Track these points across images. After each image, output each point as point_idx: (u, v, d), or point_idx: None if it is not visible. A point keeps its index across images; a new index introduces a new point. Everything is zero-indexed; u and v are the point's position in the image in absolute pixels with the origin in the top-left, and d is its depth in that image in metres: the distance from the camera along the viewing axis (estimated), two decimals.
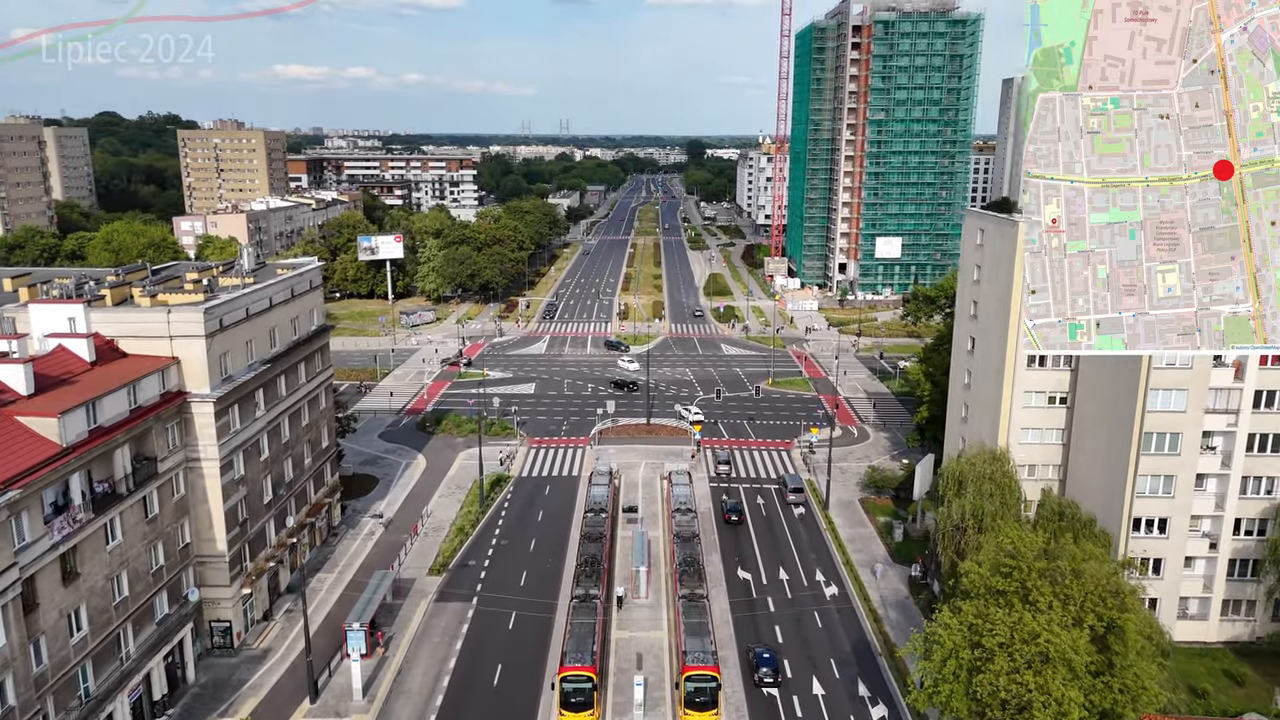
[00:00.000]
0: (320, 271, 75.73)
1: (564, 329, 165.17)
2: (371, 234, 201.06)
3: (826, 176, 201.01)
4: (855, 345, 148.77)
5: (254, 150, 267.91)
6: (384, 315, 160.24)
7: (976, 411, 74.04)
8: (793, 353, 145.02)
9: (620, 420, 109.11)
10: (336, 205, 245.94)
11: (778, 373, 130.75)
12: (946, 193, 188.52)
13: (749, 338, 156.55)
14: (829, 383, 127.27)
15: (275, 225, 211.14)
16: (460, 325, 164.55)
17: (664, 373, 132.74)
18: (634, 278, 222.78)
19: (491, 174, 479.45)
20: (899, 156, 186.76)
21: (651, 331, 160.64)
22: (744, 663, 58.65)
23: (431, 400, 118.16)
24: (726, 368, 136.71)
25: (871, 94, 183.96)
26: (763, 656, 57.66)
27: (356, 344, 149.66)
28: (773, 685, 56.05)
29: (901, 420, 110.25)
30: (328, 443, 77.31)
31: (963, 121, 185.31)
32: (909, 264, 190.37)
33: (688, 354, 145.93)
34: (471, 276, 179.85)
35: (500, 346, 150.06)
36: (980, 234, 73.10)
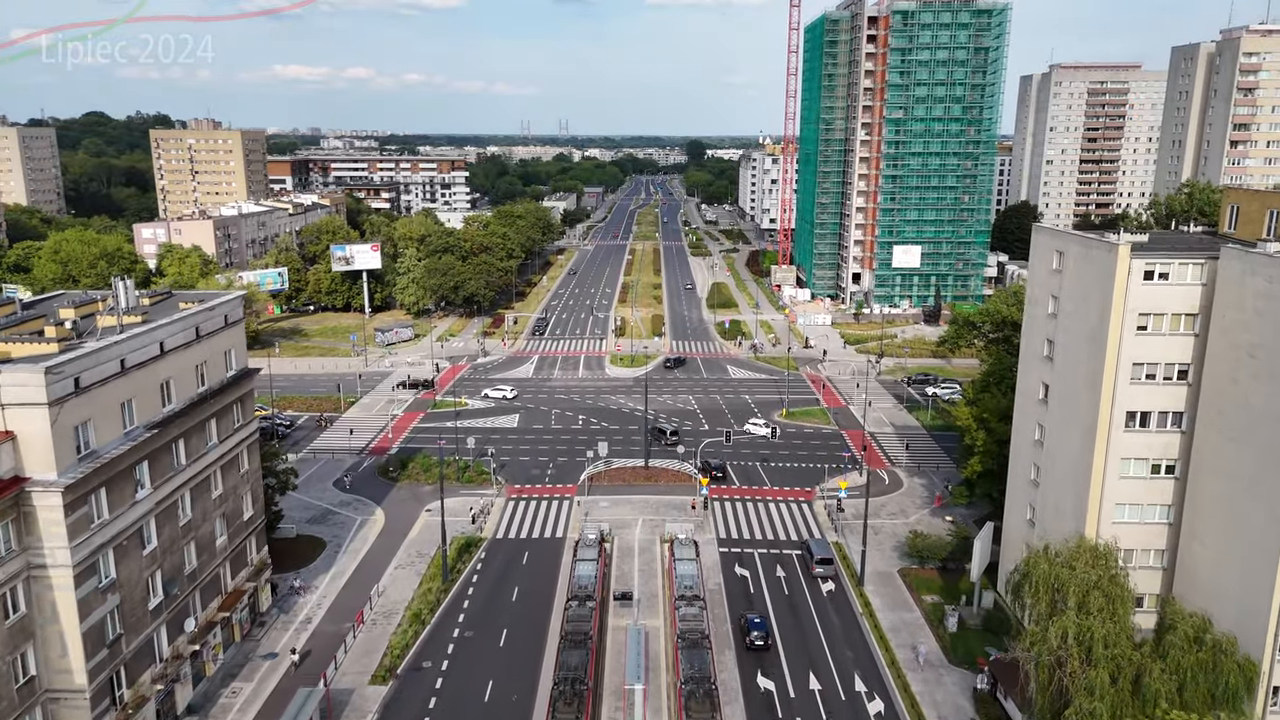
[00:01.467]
0: (241, 303, 61.42)
1: (555, 347, 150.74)
2: (353, 241, 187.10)
3: (839, 179, 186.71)
4: (876, 366, 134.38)
5: (230, 151, 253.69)
6: (356, 333, 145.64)
7: (1052, 476, 59.77)
8: (807, 376, 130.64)
9: (614, 461, 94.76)
10: (316, 210, 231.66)
11: (792, 401, 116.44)
12: (970, 197, 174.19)
13: (758, 358, 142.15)
14: (849, 413, 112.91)
15: (247, 232, 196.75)
16: (441, 344, 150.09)
17: (664, 401, 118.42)
18: (632, 288, 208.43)
19: (486, 175, 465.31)
20: (918, 158, 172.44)
21: (650, 351, 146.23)
22: None
23: (399, 437, 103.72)
24: (734, 394, 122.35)
25: (889, 90, 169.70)
26: None
27: (324, 366, 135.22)
28: None
29: (938, 462, 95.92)
30: (252, 512, 62.96)
31: (987, 120, 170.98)
32: (929, 274, 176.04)
33: (691, 377, 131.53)
34: (455, 289, 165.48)
35: (484, 369, 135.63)
36: (1058, 257, 58.83)
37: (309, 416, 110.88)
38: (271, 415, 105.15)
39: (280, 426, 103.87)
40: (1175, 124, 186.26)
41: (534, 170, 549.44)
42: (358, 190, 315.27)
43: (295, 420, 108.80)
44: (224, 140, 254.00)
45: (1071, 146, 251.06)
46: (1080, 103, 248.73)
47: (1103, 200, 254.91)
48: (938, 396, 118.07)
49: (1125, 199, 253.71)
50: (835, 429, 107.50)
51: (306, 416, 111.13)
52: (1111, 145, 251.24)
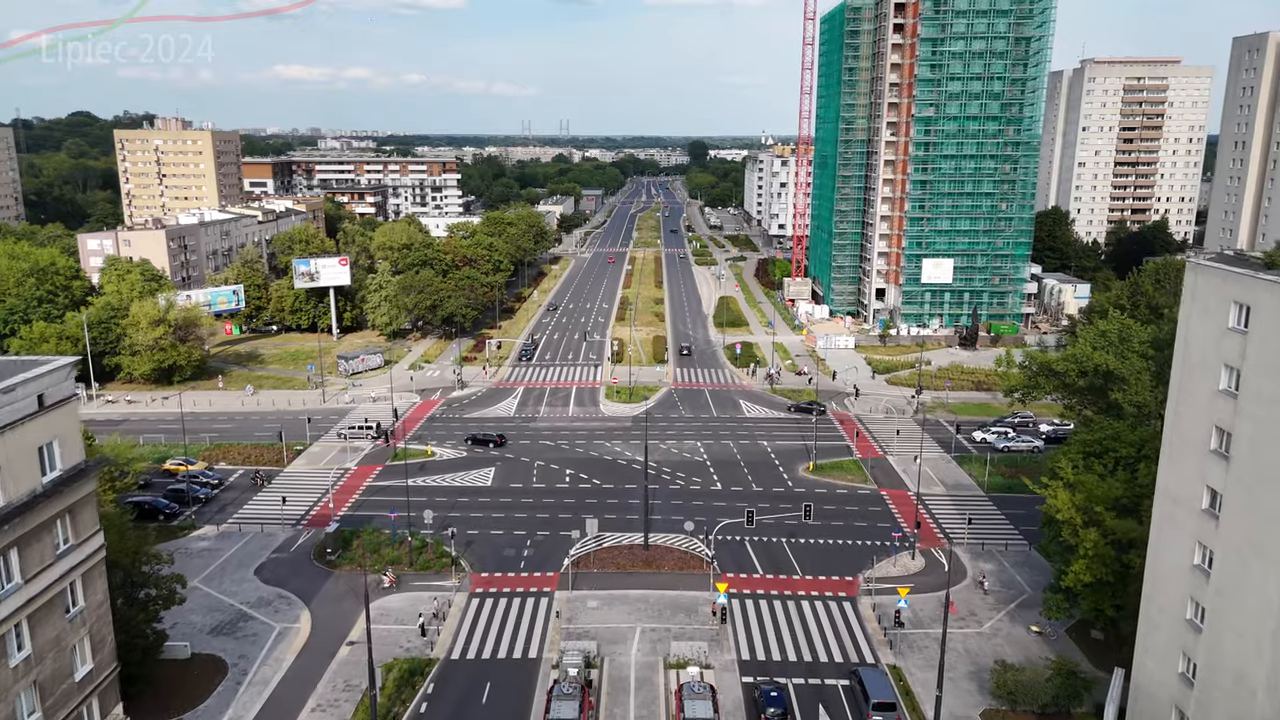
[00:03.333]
0: (69, 372, 43.44)
1: (543, 376, 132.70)
2: (328, 251, 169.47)
3: (861, 185, 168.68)
4: (915, 405, 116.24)
5: (200, 152, 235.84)
6: (314, 362, 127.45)
7: (1229, 624, 41.63)
8: (834, 416, 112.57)
9: (606, 537, 76.72)
10: (291, 216, 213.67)
11: (819, 448, 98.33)
12: (1008, 205, 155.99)
13: (774, 390, 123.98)
14: (889, 467, 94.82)
15: (208, 242, 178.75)
16: (413, 373, 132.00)
17: (668, 449, 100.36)
18: (631, 303, 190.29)
19: (481, 177, 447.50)
20: (950, 161, 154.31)
21: (651, 381, 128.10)
22: None
23: (346, 501, 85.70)
24: (749, 438, 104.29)
25: (918, 85, 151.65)
26: None
27: (275, 402, 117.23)
28: None
29: (1007, 539, 77.81)
30: (92, 666, 44.95)
31: (1028, 119, 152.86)
32: (962, 289, 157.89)
33: (698, 415, 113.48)
34: (433, 308, 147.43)
35: (459, 405, 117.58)
36: (1239, 312, 40.75)
37: (244, 471, 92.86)
38: (187, 474, 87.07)
39: (201, 489, 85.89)
40: (1237, 123, 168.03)
41: (532, 172, 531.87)
42: (342, 194, 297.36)
43: (224, 479, 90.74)
44: (193, 141, 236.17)
45: (1106, 148, 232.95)
46: (1115, 100, 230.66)
47: (1139, 206, 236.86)
48: (989, 444, 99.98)
49: (1163, 204, 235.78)
50: (874, 488, 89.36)
51: (242, 471, 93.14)
52: (1149, 146, 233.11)
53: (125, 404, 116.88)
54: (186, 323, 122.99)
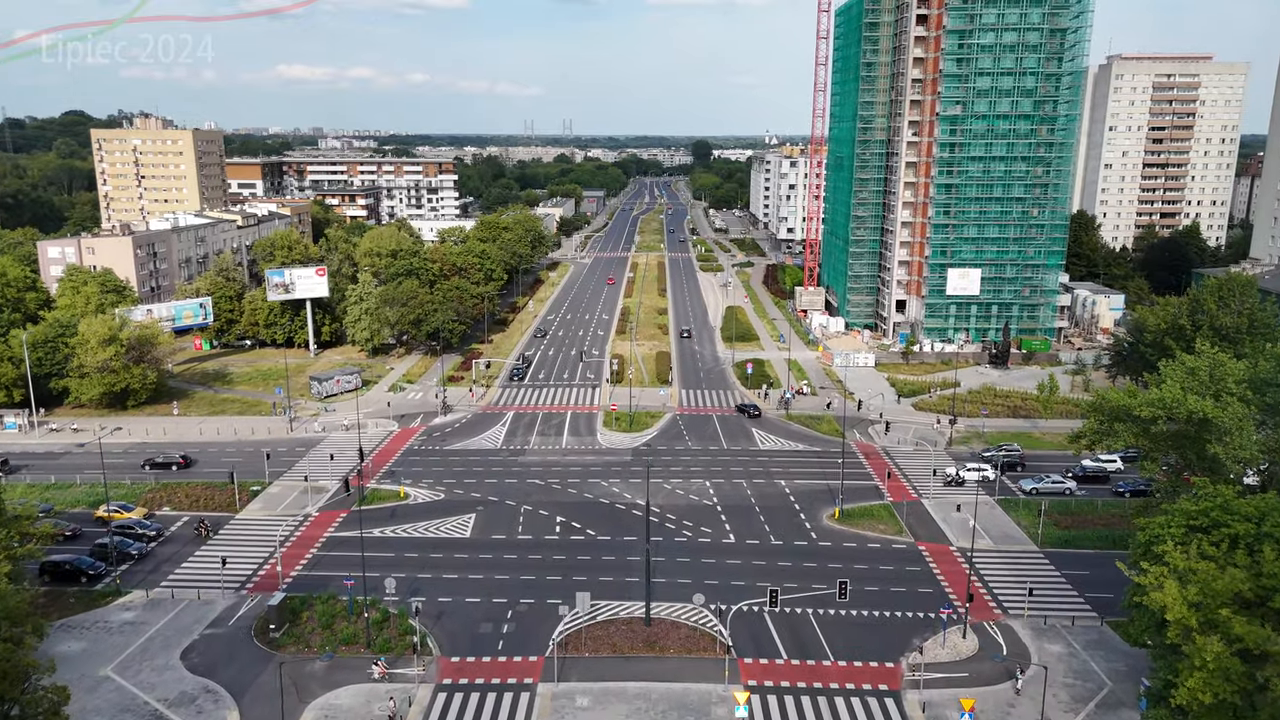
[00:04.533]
0: None
1: (535, 399, 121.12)
2: (310, 259, 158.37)
3: (879, 188, 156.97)
4: (948, 433, 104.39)
5: (180, 153, 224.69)
6: (281, 386, 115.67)
7: None
8: (859, 448, 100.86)
9: (601, 608, 65.23)
10: (274, 220, 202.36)
11: (844, 488, 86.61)
12: (1039, 211, 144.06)
13: (789, 417, 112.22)
14: (925, 514, 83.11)
15: (181, 249, 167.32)
16: (392, 395, 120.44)
17: (672, 489, 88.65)
18: (632, 314, 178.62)
19: (481, 178, 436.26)
20: (978, 163, 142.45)
21: (654, 405, 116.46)
22: None
23: (301, 557, 74.20)
24: (764, 476, 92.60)
25: (943, 81, 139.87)
26: None
27: (238, 430, 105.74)
28: None
29: (1072, 610, 66.06)
30: None
31: (1064, 118, 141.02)
32: (990, 302, 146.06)
33: (705, 447, 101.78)
34: (417, 322, 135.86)
35: (441, 434, 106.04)
36: None
37: (188, 519, 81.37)
38: (114, 526, 75.52)
39: (134, 543, 74.40)
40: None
41: (532, 173, 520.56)
42: (333, 197, 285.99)
43: (164, 530, 79.18)
44: (172, 140, 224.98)
45: (1134, 148, 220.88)
46: (1144, 99, 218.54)
47: (1169, 210, 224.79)
48: (1040, 493, 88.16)
49: (1194, 208, 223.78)
50: (910, 541, 77.62)
51: (187, 518, 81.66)
52: (1179, 147, 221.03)
53: (71, 432, 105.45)
54: (141, 341, 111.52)
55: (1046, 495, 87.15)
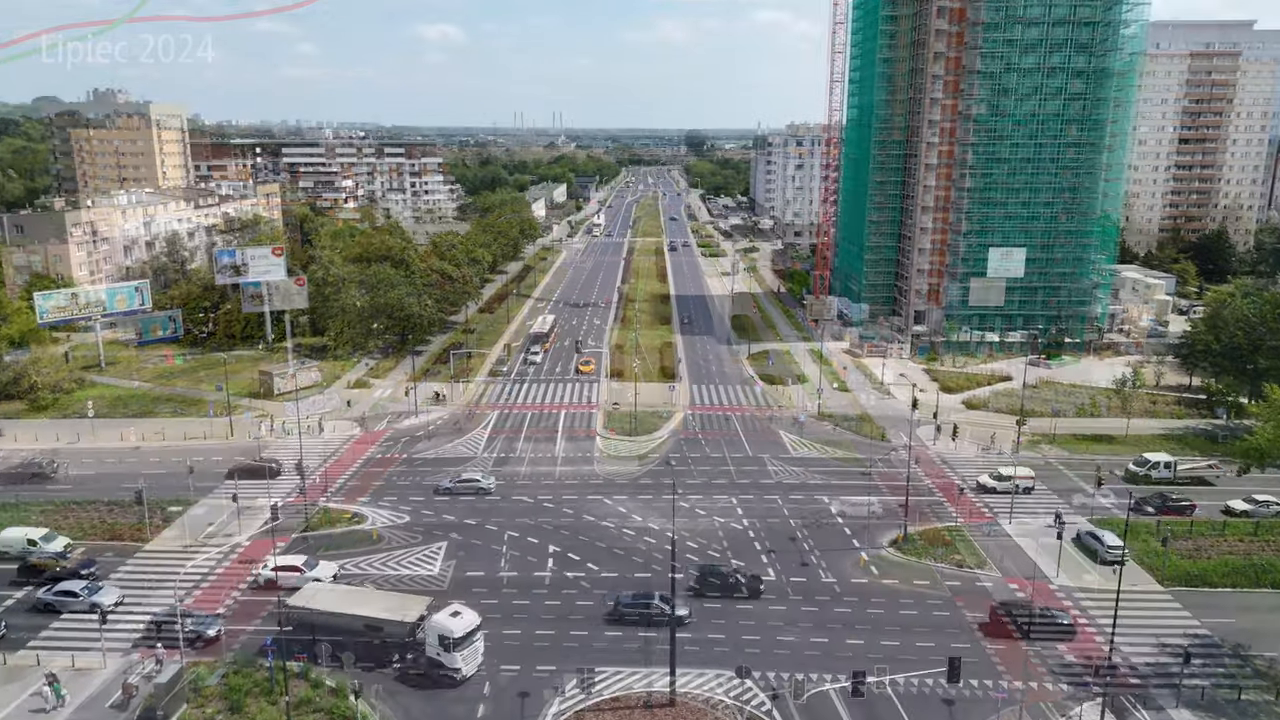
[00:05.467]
0: None
1: (524, 397, 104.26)
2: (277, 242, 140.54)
3: (898, 191, 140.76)
4: (1016, 440, 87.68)
5: (137, 129, 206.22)
6: (221, 382, 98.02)
7: None
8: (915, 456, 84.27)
9: (605, 680, 48.61)
10: (236, 200, 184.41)
11: (895, 500, 70.15)
12: (1068, 216, 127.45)
13: (822, 415, 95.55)
14: (1012, 543, 66.65)
15: (130, 233, 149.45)
16: (353, 394, 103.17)
17: (691, 508, 71.81)
18: (633, 302, 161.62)
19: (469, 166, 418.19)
20: (1004, 166, 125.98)
21: (660, 404, 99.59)
22: None
23: (214, 608, 57.23)
24: (803, 492, 75.96)
25: (972, 74, 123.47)
26: None
27: (167, 438, 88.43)
28: None
29: (1231, 677, 49.74)
30: None
31: (1097, 116, 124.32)
32: (1015, 314, 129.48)
33: (727, 455, 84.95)
34: (389, 314, 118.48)
35: (411, 440, 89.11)
36: None
37: (83, 554, 64.22)
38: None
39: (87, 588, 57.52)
40: None
41: (521, 159, 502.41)
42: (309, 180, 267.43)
43: (93, 563, 62.01)
44: (130, 117, 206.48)
45: (1168, 122, 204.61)
46: (1182, 68, 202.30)
47: (1202, 189, 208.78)
48: (1169, 530, 71.91)
49: (1233, 187, 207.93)
50: (998, 578, 61.12)
51: (83, 551, 64.58)
52: (1214, 124, 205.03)
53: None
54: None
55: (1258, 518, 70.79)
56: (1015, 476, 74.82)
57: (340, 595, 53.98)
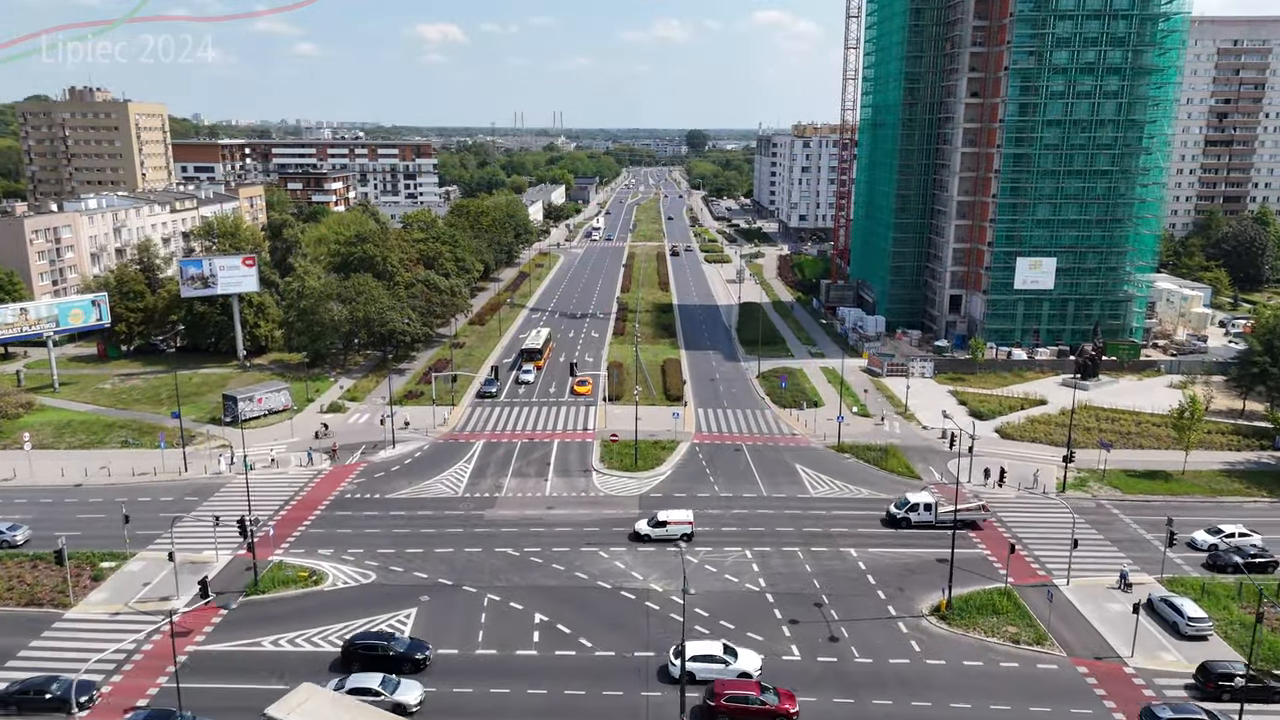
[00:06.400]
0: None
1: (513, 423, 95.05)
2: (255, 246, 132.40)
3: (927, 162, 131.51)
4: (1061, 475, 78.49)
5: (115, 128, 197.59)
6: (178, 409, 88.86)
7: None
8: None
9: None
10: (216, 204, 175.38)
11: (939, 560, 61.08)
12: (1105, 203, 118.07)
13: (841, 448, 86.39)
14: (1070, 608, 57.48)
15: (96, 236, 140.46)
16: (328, 419, 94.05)
17: (699, 564, 62.65)
18: (633, 312, 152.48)
19: (465, 166, 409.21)
20: (1035, 170, 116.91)
21: (664, 431, 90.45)
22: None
23: (138, 696, 48.13)
24: (826, 540, 66.83)
25: (1013, 55, 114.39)
26: None
27: (113, 474, 79.27)
28: None
29: None
30: None
31: (1134, 116, 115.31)
32: (1066, 297, 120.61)
33: (739, 493, 75.88)
34: (368, 324, 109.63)
35: (385, 474, 79.97)
36: None
37: None
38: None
39: None
40: None
41: (519, 160, 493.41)
42: (296, 181, 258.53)
43: None
44: (107, 115, 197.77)
45: (1195, 124, 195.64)
46: (1209, 66, 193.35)
47: (1233, 193, 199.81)
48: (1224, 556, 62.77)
49: (1263, 189, 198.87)
50: (1063, 657, 51.98)
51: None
52: (1247, 122, 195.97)
53: None
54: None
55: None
56: None
57: (335, 710, 42.79)
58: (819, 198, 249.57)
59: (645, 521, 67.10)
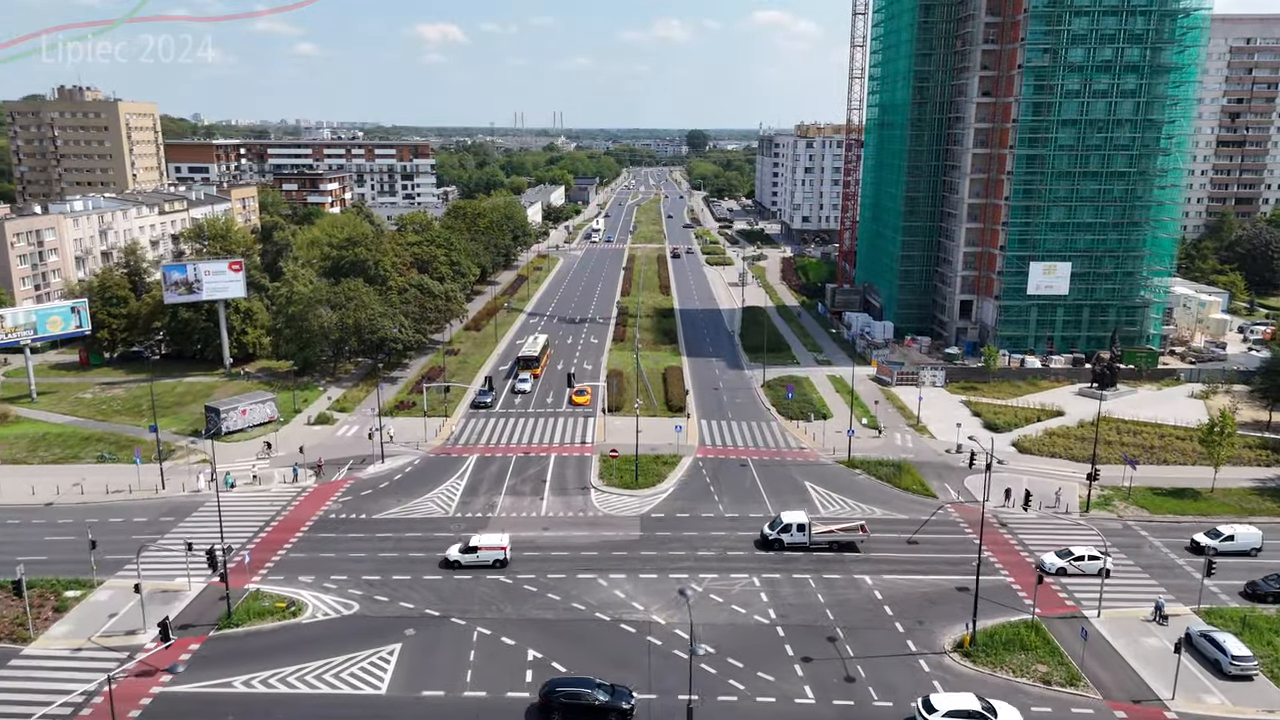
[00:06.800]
0: None
1: (508, 435, 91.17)
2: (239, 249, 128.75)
3: (936, 162, 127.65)
4: (1085, 494, 74.56)
5: (106, 128, 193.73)
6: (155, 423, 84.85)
7: None
8: (959, 514, 71.22)
9: None
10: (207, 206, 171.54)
11: (958, 586, 57.20)
12: (1122, 206, 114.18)
13: (852, 463, 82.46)
14: (1098, 638, 53.57)
15: (81, 240, 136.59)
16: (316, 430, 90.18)
17: (704, 593, 58.77)
18: (634, 317, 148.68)
19: (464, 166, 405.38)
20: (1049, 171, 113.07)
21: (666, 445, 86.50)
22: None
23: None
24: (838, 564, 62.94)
25: (1027, 52, 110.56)
26: None
27: (87, 491, 75.41)
28: None
29: None
30: None
31: (1152, 116, 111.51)
32: (1081, 302, 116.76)
33: (745, 513, 71.93)
34: (359, 331, 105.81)
35: (372, 492, 76.07)
36: None
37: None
38: None
39: None
40: None
41: (519, 160, 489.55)
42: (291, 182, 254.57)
43: None
44: (96, 114, 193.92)
45: (1206, 125, 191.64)
46: (1221, 66, 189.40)
47: (1245, 194, 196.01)
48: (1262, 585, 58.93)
49: (1276, 190, 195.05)
50: (1098, 701, 48.06)
51: None
52: (1260, 122, 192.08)
53: None
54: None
55: None
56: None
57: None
58: (822, 199, 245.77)
59: (456, 547, 62.70)
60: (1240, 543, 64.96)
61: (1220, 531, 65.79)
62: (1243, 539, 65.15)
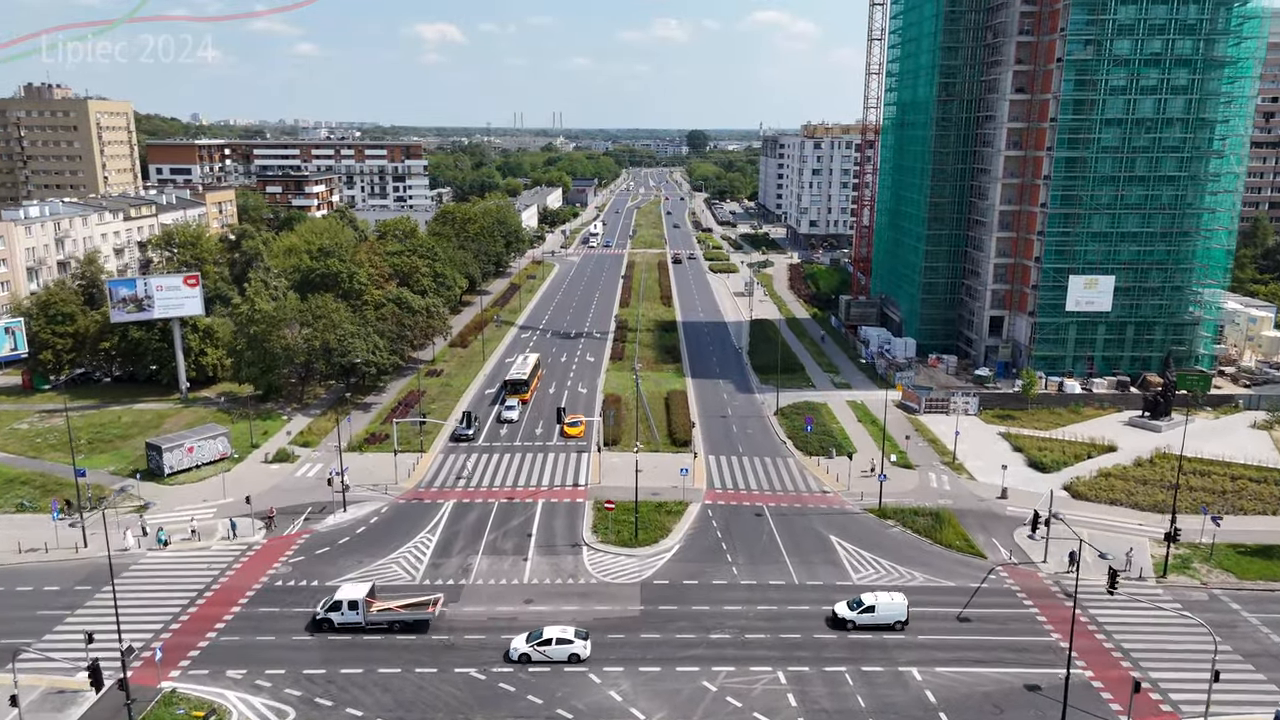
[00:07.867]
0: None
1: (490, 476, 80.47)
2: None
3: (963, 165, 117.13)
4: (1165, 557, 63.87)
5: (75, 128, 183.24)
6: (83, 466, 74.19)
7: None
8: (1010, 575, 60.61)
9: None
10: (179, 211, 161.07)
11: (1025, 686, 46.65)
12: (1171, 212, 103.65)
13: (884, 513, 71.78)
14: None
15: (34, 249, 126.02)
16: (272, 470, 79.48)
17: (718, 694, 48.19)
18: (632, 331, 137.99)
19: (459, 167, 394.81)
20: (1109, 158, 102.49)
21: (669, 489, 75.80)
22: None
23: None
24: (880, 651, 52.43)
25: (1067, 45, 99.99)
26: None
27: (0, 545, 64.86)
28: None
29: None
30: None
31: (1204, 115, 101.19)
32: (1125, 319, 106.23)
33: (763, 579, 61.31)
34: (325, 353, 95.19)
35: (328, 551, 65.43)
36: None
37: None
38: None
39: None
40: None
41: (516, 161, 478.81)
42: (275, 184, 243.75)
43: None
44: (64, 114, 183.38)
45: None
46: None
47: (1278, 201, 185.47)
48: None
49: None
50: None
51: None
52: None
53: None
54: None
55: None
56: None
57: None
58: (831, 202, 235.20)
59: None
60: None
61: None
62: None
